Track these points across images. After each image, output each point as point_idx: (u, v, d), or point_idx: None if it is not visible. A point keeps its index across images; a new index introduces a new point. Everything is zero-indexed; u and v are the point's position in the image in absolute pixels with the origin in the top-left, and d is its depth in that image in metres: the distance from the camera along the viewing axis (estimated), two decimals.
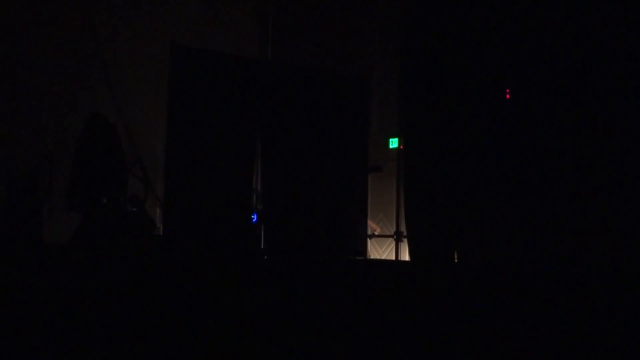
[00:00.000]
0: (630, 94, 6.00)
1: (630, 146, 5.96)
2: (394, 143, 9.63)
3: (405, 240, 8.41)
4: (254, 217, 8.11)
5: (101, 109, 10.21)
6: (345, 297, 5.31)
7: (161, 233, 8.29)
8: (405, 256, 8.63)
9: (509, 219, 6.64)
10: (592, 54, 6.21)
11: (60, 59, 9.27)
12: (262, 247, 7.92)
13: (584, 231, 6.09)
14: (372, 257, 9.55)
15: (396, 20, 8.96)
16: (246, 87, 7.96)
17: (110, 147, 7.18)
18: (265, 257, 7.80)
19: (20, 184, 8.07)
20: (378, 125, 10.07)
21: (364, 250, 8.85)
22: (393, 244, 9.12)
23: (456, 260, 7.06)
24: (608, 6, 6.13)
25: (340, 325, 4.37)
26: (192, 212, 7.51)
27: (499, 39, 6.80)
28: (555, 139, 6.42)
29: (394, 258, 9.09)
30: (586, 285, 4.97)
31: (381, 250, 10.03)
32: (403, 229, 8.39)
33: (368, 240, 9.22)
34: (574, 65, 6.31)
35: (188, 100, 7.60)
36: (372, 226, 9.65)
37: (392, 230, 9.07)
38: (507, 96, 6.81)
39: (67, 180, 7.14)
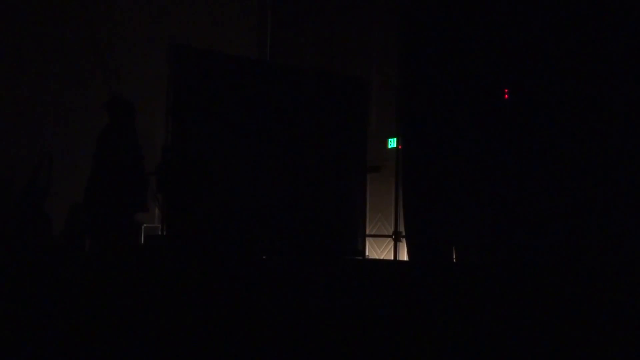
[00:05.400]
0: (630, 93, 6.01)
1: (630, 145, 5.98)
2: (392, 143, 9.65)
3: (404, 240, 8.43)
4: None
5: (100, 109, 10.23)
6: (344, 297, 5.32)
7: (159, 233, 8.30)
8: (404, 256, 8.65)
9: (508, 218, 6.65)
10: (591, 54, 6.22)
11: (60, 59, 9.29)
12: (261, 247, 7.93)
13: (583, 231, 6.11)
14: (370, 257, 9.57)
15: (395, 20, 8.97)
16: (245, 87, 7.97)
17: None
18: (265, 257, 7.81)
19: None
20: (377, 125, 10.08)
21: (362, 250, 8.86)
22: (392, 244, 9.13)
23: (455, 260, 7.08)
24: (607, 6, 6.15)
25: (339, 325, 4.38)
26: (192, 212, 7.52)
27: (498, 39, 6.82)
28: (554, 138, 6.43)
29: (392, 258, 9.11)
30: (585, 284, 4.99)
31: (380, 250, 10.05)
32: (402, 228, 8.41)
33: (367, 240, 9.23)
34: (573, 65, 6.33)
35: (187, 100, 7.61)
36: None
37: (391, 230, 9.09)
38: (506, 96, 6.83)
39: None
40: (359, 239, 8.76)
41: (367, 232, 9.24)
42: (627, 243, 5.85)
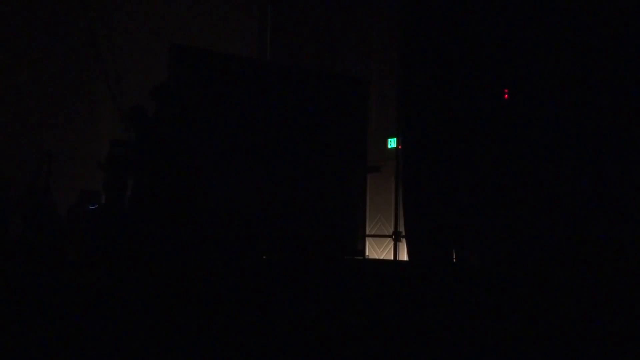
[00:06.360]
0: (629, 93, 6.02)
1: (629, 145, 5.98)
2: (392, 143, 9.66)
3: (404, 240, 8.43)
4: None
5: (100, 109, 10.26)
6: (344, 297, 5.33)
7: None
8: (404, 256, 8.66)
9: (507, 219, 6.66)
10: (590, 54, 6.23)
11: (60, 60, 9.31)
12: (261, 247, 7.93)
13: (583, 230, 6.11)
14: (370, 257, 9.58)
15: (395, 20, 8.98)
16: (245, 87, 7.97)
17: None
18: (265, 257, 7.81)
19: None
20: (377, 125, 10.10)
21: (362, 250, 8.87)
22: (392, 244, 9.15)
23: (455, 260, 7.08)
24: (607, 6, 6.15)
25: (339, 325, 4.38)
26: (191, 212, 7.52)
27: (497, 39, 6.82)
28: (553, 138, 6.44)
29: (392, 258, 9.12)
30: (584, 284, 5.00)
31: (380, 250, 10.06)
32: (402, 228, 8.41)
33: (367, 240, 9.24)
34: (572, 65, 6.34)
35: (187, 100, 7.62)
36: None
37: (391, 230, 9.10)
38: (506, 96, 6.83)
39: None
40: (359, 239, 8.76)
41: (367, 232, 9.24)
42: (627, 243, 5.86)
